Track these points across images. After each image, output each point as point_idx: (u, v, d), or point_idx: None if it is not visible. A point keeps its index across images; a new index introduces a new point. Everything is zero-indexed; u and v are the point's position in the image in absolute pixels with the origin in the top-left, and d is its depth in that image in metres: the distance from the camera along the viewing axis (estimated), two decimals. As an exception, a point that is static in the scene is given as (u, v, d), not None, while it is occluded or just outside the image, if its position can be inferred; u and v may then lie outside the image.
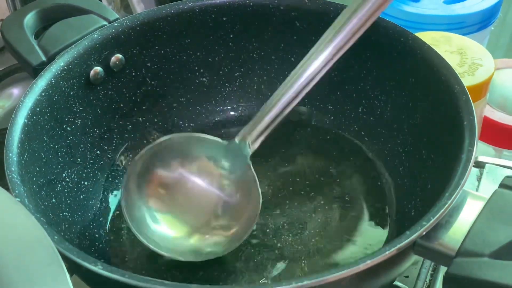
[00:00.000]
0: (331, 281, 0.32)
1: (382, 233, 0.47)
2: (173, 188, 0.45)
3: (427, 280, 0.47)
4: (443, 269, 0.48)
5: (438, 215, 0.34)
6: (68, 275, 0.29)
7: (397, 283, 0.46)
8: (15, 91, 0.60)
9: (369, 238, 0.46)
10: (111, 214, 0.49)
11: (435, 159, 0.45)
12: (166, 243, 0.43)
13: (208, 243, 0.44)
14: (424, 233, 0.34)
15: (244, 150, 0.44)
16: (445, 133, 0.43)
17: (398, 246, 0.33)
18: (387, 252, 0.33)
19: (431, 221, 0.34)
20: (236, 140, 0.45)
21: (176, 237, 0.44)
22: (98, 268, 0.33)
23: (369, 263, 0.33)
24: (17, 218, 0.31)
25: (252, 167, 0.44)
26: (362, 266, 0.33)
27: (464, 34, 0.61)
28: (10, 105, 0.59)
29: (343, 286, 0.33)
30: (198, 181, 0.46)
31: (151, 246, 0.43)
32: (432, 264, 0.48)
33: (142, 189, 0.44)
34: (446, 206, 0.35)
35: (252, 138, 0.44)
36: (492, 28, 0.68)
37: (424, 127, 0.47)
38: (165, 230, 0.44)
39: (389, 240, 0.46)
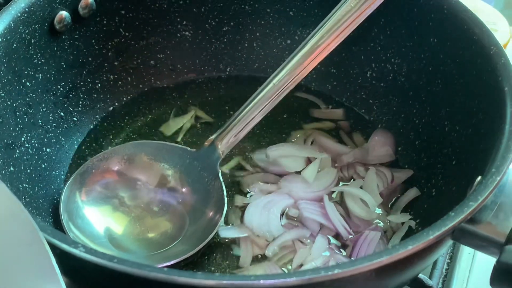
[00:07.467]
0: (361, 271, 0.29)
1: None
2: (129, 197, 0.43)
3: (444, 270, 0.45)
4: (460, 258, 0.45)
5: (486, 193, 0.31)
6: (53, 258, 0.25)
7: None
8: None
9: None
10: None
11: (461, 131, 0.42)
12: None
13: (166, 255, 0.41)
14: (470, 216, 0.31)
15: (213, 155, 0.44)
16: (476, 101, 0.40)
17: (443, 230, 0.30)
18: (431, 237, 0.30)
19: (479, 201, 0.31)
20: (206, 144, 0.44)
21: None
22: (80, 251, 0.29)
23: (410, 249, 0.30)
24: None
25: (220, 175, 0.43)
26: (396, 255, 0.30)
27: (475, -3, 0.59)
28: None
29: (377, 274, 0.30)
30: (157, 190, 0.44)
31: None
32: (449, 251, 0.46)
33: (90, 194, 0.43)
34: (496, 183, 0.32)
35: (223, 143, 0.44)
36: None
37: (447, 94, 0.44)
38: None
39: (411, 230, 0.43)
